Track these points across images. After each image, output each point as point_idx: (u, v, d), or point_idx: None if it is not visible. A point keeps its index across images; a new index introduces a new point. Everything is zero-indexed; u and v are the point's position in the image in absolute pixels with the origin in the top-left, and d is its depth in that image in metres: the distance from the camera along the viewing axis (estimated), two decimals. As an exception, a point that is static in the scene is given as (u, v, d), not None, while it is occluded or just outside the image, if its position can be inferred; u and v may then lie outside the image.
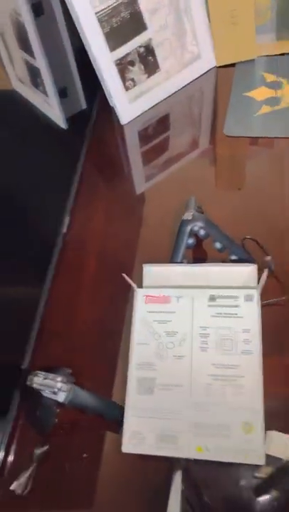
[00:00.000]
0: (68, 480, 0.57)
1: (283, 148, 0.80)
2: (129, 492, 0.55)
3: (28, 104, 0.95)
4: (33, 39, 0.82)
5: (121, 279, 0.68)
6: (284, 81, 0.87)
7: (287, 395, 0.57)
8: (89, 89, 0.93)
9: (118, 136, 0.90)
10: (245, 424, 0.53)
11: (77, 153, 0.89)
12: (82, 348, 0.66)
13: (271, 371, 0.58)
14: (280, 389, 0.58)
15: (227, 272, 0.62)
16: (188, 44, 0.89)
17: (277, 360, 0.59)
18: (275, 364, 0.59)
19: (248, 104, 0.86)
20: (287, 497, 0.50)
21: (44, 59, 0.83)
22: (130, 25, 0.83)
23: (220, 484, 0.54)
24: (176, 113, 0.91)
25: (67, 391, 0.55)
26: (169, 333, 0.59)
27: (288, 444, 0.54)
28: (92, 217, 0.80)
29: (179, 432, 0.54)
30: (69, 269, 0.75)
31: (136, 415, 0.56)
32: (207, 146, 0.85)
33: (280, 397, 0.57)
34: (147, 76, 0.88)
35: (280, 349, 0.60)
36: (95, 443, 0.59)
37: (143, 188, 0.83)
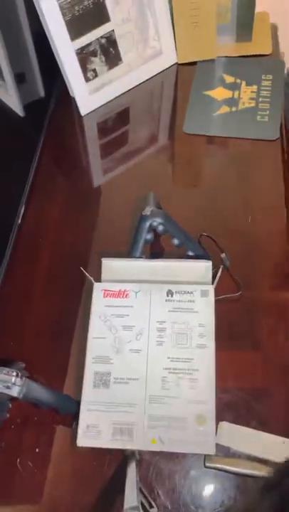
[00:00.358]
0: (20, 475, 0.56)
1: (239, 149, 0.82)
2: (83, 485, 0.55)
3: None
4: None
5: (77, 272, 0.67)
6: (242, 83, 0.89)
7: (238, 388, 0.59)
8: (48, 76, 0.90)
9: (77, 127, 0.89)
10: (198, 417, 0.55)
11: (34, 143, 0.86)
12: (36, 341, 0.65)
13: (224, 365, 0.60)
14: (231, 382, 0.60)
15: (184, 267, 0.63)
16: (151, 39, 0.89)
17: (229, 354, 0.62)
18: (227, 358, 0.61)
19: (207, 103, 0.88)
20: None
21: (1, 43, 0.80)
22: (93, 15, 0.82)
23: (172, 475, 0.55)
24: (136, 107, 0.90)
25: (22, 385, 0.54)
26: (126, 327, 0.59)
27: (237, 435, 0.57)
28: (48, 209, 0.79)
29: (135, 425, 0.55)
30: (23, 261, 0.73)
31: (92, 409, 0.56)
32: (166, 142, 0.85)
33: (231, 390, 0.59)
34: (108, 68, 0.87)
35: (233, 343, 0.63)
36: (48, 437, 0.58)
37: (101, 180, 0.83)
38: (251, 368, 0.61)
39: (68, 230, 0.76)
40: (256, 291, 0.66)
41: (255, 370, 0.61)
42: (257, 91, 0.88)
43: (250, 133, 0.83)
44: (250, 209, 0.74)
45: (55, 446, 0.58)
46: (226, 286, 0.66)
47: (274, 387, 0.59)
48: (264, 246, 0.70)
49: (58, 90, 0.93)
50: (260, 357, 0.61)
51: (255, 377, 0.60)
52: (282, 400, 0.58)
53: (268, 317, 0.64)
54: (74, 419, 0.57)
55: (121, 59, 0.88)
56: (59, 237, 0.75)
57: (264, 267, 0.68)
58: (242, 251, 0.70)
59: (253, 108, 0.86)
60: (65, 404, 0.58)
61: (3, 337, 0.66)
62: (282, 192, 0.76)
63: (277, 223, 0.72)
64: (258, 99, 0.87)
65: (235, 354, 0.62)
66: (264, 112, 0.85)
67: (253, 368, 0.61)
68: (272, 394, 0.59)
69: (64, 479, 0.56)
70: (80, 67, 0.85)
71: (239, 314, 0.65)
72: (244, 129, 0.83)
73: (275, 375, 0.60)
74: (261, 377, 0.60)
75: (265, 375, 0.60)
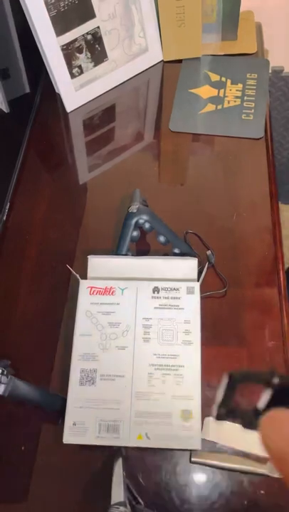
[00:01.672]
0: (5, 473, 0.56)
1: (224, 147, 0.83)
2: (69, 482, 0.55)
3: None
4: (-26, 14, 0.77)
5: (63, 269, 0.67)
6: (227, 82, 0.90)
7: (224, 384, 0.60)
8: (33, 72, 0.90)
9: (62, 123, 0.89)
10: (184, 412, 0.55)
11: (19, 139, 0.86)
12: (21, 339, 0.65)
13: (209, 360, 0.61)
14: (216, 377, 0.60)
15: (170, 264, 0.63)
16: (136, 36, 0.89)
17: (214, 350, 0.62)
18: (212, 354, 0.62)
19: (193, 101, 0.88)
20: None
21: (-15, 37, 0.79)
22: (78, 11, 0.81)
23: (158, 470, 0.56)
24: (122, 104, 0.90)
25: (7, 383, 0.54)
26: (113, 324, 0.59)
27: (223, 430, 0.57)
28: (33, 206, 0.78)
29: (121, 421, 0.55)
30: (8, 258, 0.73)
31: (78, 406, 0.56)
32: (151, 140, 0.85)
33: (216, 385, 0.60)
34: (94, 64, 0.87)
35: (218, 339, 0.63)
36: (33, 435, 0.58)
37: (86, 177, 0.83)
38: (237, 363, 0.61)
39: (54, 227, 0.75)
40: (242, 287, 0.67)
41: (241, 365, 0.61)
42: (242, 89, 0.88)
43: (236, 131, 0.83)
44: (236, 206, 0.75)
45: (41, 443, 0.58)
46: (211, 282, 0.66)
47: (259, 383, 0.60)
48: (249, 243, 0.71)
49: (43, 86, 0.93)
50: (246, 353, 0.62)
51: (240, 373, 0.61)
52: (267, 395, 0.59)
53: (254, 313, 0.65)
54: (60, 417, 0.57)
55: (107, 56, 0.88)
56: (45, 234, 0.75)
57: (249, 263, 0.69)
58: (227, 248, 0.70)
59: (238, 106, 0.86)
60: (51, 402, 0.58)
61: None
62: (266, 190, 0.77)
63: (262, 220, 0.73)
64: (243, 98, 0.87)
65: (221, 350, 0.62)
66: (249, 110, 0.86)
67: (238, 364, 0.61)
68: (257, 389, 0.59)
69: (50, 476, 0.56)
70: (65, 63, 0.84)
71: (225, 311, 0.65)
72: (229, 127, 0.84)
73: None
74: (246, 372, 0.61)
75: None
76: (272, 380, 0.27)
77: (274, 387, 0.27)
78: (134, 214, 0.64)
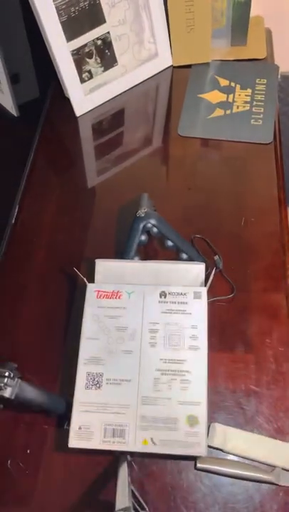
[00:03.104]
0: (11, 476, 0.56)
1: (233, 152, 0.82)
2: (74, 487, 0.55)
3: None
4: (-15, 20, 0.78)
5: (70, 273, 0.67)
6: (236, 87, 0.90)
7: (230, 389, 0.60)
8: (43, 77, 0.90)
9: (71, 127, 0.89)
10: (190, 418, 0.55)
11: (28, 143, 0.86)
12: (28, 342, 0.65)
13: (215, 366, 0.60)
14: (222, 383, 0.60)
15: (177, 269, 0.63)
16: (146, 41, 0.89)
17: (221, 356, 0.62)
18: (219, 359, 0.61)
19: (202, 105, 0.88)
20: None
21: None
22: (89, 16, 0.82)
23: (163, 476, 0.55)
24: (131, 109, 0.91)
25: (14, 386, 0.54)
26: (119, 328, 0.59)
27: (229, 436, 0.57)
28: (42, 209, 0.79)
29: (126, 426, 0.55)
30: (17, 261, 0.73)
31: (84, 410, 0.56)
32: (160, 145, 0.86)
33: (223, 391, 0.60)
34: (104, 69, 0.88)
35: (225, 345, 0.63)
36: (39, 438, 0.58)
37: (95, 181, 0.83)
38: (243, 369, 0.61)
39: (62, 231, 0.76)
40: (249, 293, 0.67)
41: (247, 371, 0.61)
42: (251, 95, 0.88)
43: (244, 136, 0.83)
44: (244, 211, 0.75)
45: (46, 447, 0.58)
46: (219, 287, 0.66)
47: (265, 389, 0.60)
48: (257, 248, 0.71)
49: (52, 91, 0.93)
50: (253, 359, 0.62)
51: (247, 379, 0.60)
52: (274, 401, 0.59)
53: (261, 319, 0.64)
54: (66, 420, 0.57)
55: (116, 61, 0.88)
56: (53, 237, 0.75)
57: (257, 269, 0.69)
58: (235, 253, 0.70)
59: (247, 111, 0.86)
60: (57, 405, 0.58)
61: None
62: (275, 195, 0.76)
63: (271, 226, 0.73)
64: (252, 103, 0.87)
65: (228, 356, 0.62)
66: (258, 115, 0.86)
67: (245, 370, 0.61)
68: (263, 395, 0.59)
69: (55, 480, 0.56)
70: (75, 68, 0.85)
71: (232, 316, 0.65)
72: (238, 132, 0.84)
73: (266, 376, 0.60)
74: (253, 378, 0.60)
75: (257, 376, 0.60)
76: None
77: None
78: (142, 218, 0.64)
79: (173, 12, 0.87)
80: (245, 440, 0.57)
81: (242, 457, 0.56)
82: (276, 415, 0.58)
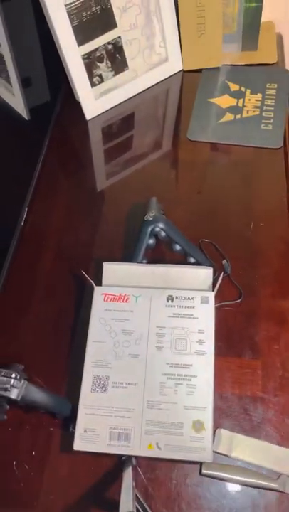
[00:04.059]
0: (16, 478, 0.56)
1: (242, 156, 0.82)
2: (79, 490, 0.55)
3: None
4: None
5: (78, 275, 0.67)
6: (247, 91, 0.90)
7: (236, 395, 0.59)
8: (54, 81, 0.91)
9: (81, 131, 0.90)
10: (196, 423, 0.55)
11: (38, 146, 0.87)
12: (35, 343, 0.65)
13: (222, 371, 0.60)
14: (229, 388, 0.60)
15: (185, 273, 0.63)
16: (157, 46, 0.90)
17: (228, 361, 0.61)
18: (226, 364, 0.61)
19: (212, 110, 0.88)
20: None
21: (9, 46, 0.81)
22: (100, 21, 0.82)
23: (168, 481, 0.55)
24: (141, 113, 0.91)
25: (20, 388, 0.54)
26: (126, 331, 0.59)
27: (235, 442, 0.56)
28: (51, 212, 0.79)
29: (132, 430, 0.54)
30: (25, 262, 0.74)
31: (89, 412, 0.56)
32: (169, 149, 0.86)
33: (230, 397, 0.59)
34: (114, 73, 0.88)
35: (232, 350, 0.62)
36: (45, 440, 0.58)
37: (104, 185, 0.83)
38: (250, 375, 0.61)
39: (70, 234, 0.76)
40: (257, 298, 0.66)
41: (254, 377, 0.60)
42: (261, 99, 0.88)
43: (254, 141, 0.83)
44: (253, 216, 0.74)
45: (51, 449, 0.58)
46: (226, 292, 0.66)
47: (272, 395, 0.59)
48: (266, 253, 0.70)
49: (63, 95, 0.94)
50: (260, 364, 0.61)
51: (253, 385, 0.60)
52: (280, 408, 0.58)
53: (268, 324, 0.64)
54: (71, 423, 0.57)
55: (127, 65, 0.89)
56: (61, 240, 0.76)
57: (265, 274, 0.68)
58: (243, 258, 0.70)
59: (257, 116, 0.86)
60: (63, 408, 0.58)
61: (3, 339, 0.66)
62: (284, 200, 0.76)
63: (280, 230, 0.72)
64: (262, 108, 0.87)
65: (235, 361, 0.62)
66: (268, 120, 0.85)
67: (251, 376, 0.61)
68: (270, 402, 0.59)
69: (60, 483, 0.56)
70: (86, 72, 0.85)
71: (239, 321, 0.65)
72: (248, 136, 0.84)
73: (273, 382, 0.60)
74: (260, 384, 0.60)
75: (264, 382, 0.60)
76: None
77: None
78: (150, 222, 0.64)
79: (184, 17, 0.87)
80: (251, 447, 0.56)
81: (248, 464, 0.55)
82: (283, 422, 0.57)
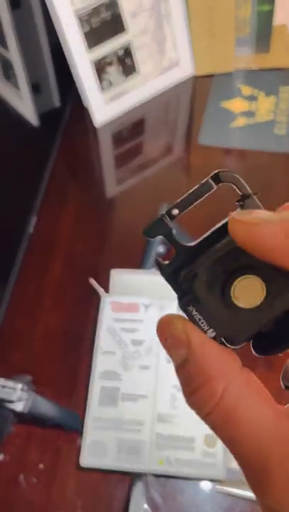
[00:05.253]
0: (23, 491, 0.55)
1: (255, 161, 0.80)
2: (87, 505, 0.53)
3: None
4: (8, 31, 0.79)
5: (87, 284, 0.66)
6: (260, 95, 0.88)
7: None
8: (63, 87, 0.90)
9: (91, 137, 0.89)
10: (208, 438, 0.53)
11: (47, 152, 0.86)
12: (43, 354, 0.64)
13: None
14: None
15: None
16: (168, 50, 0.89)
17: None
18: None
19: (224, 114, 0.86)
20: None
21: (18, 52, 0.80)
22: (110, 26, 0.82)
23: (179, 497, 0.53)
24: (152, 118, 0.90)
25: (27, 400, 0.53)
26: (136, 342, 0.58)
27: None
28: (60, 219, 0.78)
29: (142, 444, 0.53)
30: (33, 271, 0.72)
31: (97, 426, 0.54)
32: (181, 154, 0.84)
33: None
34: (124, 79, 0.87)
35: (245, 362, 0.60)
36: (52, 454, 0.57)
37: (114, 191, 0.82)
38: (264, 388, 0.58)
39: (80, 241, 0.75)
40: (271, 307, 0.64)
41: (268, 390, 0.58)
42: (275, 103, 0.86)
43: (267, 145, 0.81)
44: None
45: (60, 463, 0.56)
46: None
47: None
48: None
49: (72, 100, 0.93)
50: (273, 377, 0.59)
51: (268, 398, 0.58)
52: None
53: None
54: (79, 437, 0.55)
55: (137, 70, 0.88)
56: (70, 247, 0.74)
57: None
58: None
59: (270, 121, 0.84)
60: (71, 421, 0.56)
61: (10, 348, 0.65)
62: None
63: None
64: (276, 112, 0.85)
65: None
66: (282, 124, 0.83)
67: (266, 387, 0.58)
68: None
69: (68, 497, 0.54)
70: (95, 77, 0.84)
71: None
72: (261, 141, 0.82)
73: (287, 395, 0.58)
74: (274, 397, 0.58)
75: (278, 395, 0.58)
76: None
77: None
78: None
79: (195, 21, 0.86)
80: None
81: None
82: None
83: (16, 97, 0.90)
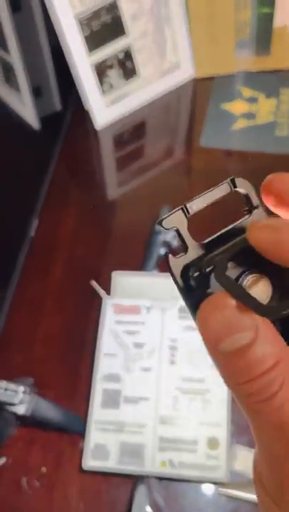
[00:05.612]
0: (26, 494, 0.55)
1: (257, 163, 0.80)
2: (89, 507, 0.53)
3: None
4: (8, 34, 0.79)
5: (89, 287, 0.66)
6: (260, 97, 0.88)
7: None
8: (64, 90, 0.91)
9: (92, 140, 0.89)
10: (210, 440, 0.52)
11: (49, 155, 0.86)
12: (45, 357, 0.64)
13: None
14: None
15: (198, 283, 0.61)
16: (168, 53, 0.89)
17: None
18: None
19: (225, 116, 0.87)
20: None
21: (19, 56, 0.81)
22: (110, 29, 0.82)
23: (182, 500, 0.53)
24: (153, 121, 0.90)
25: (29, 402, 0.53)
26: (138, 344, 0.58)
27: (251, 459, 0.54)
28: (61, 222, 0.78)
29: (144, 447, 0.53)
30: (35, 274, 0.72)
31: (99, 429, 0.54)
32: (182, 156, 0.84)
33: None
34: (125, 82, 0.87)
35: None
36: (55, 456, 0.56)
37: (116, 194, 0.82)
38: (267, 389, 0.58)
39: (81, 244, 0.75)
40: (273, 309, 0.64)
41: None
42: (276, 105, 0.87)
43: (268, 147, 0.81)
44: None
45: (62, 466, 0.56)
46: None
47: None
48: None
49: (74, 104, 0.93)
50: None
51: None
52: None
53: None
54: (82, 439, 0.55)
55: (138, 73, 0.88)
56: (71, 250, 0.74)
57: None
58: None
59: (271, 122, 0.84)
60: (74, 423, 0.56)
61: (12, 351, 0.65)
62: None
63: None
64: (277, 114, 0.85)
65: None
66: (283, 126, 0.83)
67: (269, 390, 0.58)
68: None
69: (70, 501, 0.54)
70: (96, 80, 0.85)
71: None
72: (262, 143, 0.82)
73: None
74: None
75: (282, 397, 0.57)
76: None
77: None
78: (162, 231, 0.63)
79: (195, 23, 0.87)
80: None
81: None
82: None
83: (17, 101, 0.91)
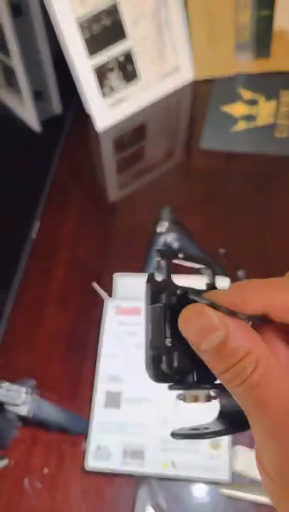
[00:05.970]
0: (28, 496, 0.55)
1: (257, 165, 0.81)
2: (91, 509, 0.53)
3: (0, 103, 0.93)
4: (10, 39, 0.80)
5: (90, 288, 0.66)
6: (260, 99, 0.88)
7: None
8: (65, 93, 0.91)
9: (93, 142, 0.89)
10: (212, 440, 0.53)
11: (50, 158, 0.87)
12: (47, 358, 0.64)
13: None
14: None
15: (199, 284, 0.61)
16: (168, 56, 0.89)
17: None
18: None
19: (225, 118, 0.87)
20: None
21: (20, 60, 0.81)
22: (111, 33, 0.82)
23: (183, 500, 0.53)
24: (153, 123, 0.90)
25: (31, 404, 0.53)
26: (139, 345, 0.58)
27: (254, 460, 0.54)
28: (62, 224, 0.78)
29: (146, 447, 0.53)
30: (37, 276, 0.73)
31: (101, 430, 0.54)
32: (182, 158, 0.85)
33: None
34: (125, 84, 0.88)
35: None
36: (57, 458, 0.57)
37: (116, 196, 0.82)
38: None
39: (83, 246, 0.75)
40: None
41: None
42: (275, 107, 0.87)
43: (269, 149, 0.81)
44: (269, 226, 0.73)
45: (64, 467, 0.56)
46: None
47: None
48: (282, 265, 0.68)
49: (74, 107, 0.94)
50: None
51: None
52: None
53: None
54: (84, 440, 0.55)
55: (138, 75, 0.88)
56: (73, 252, 0.75)
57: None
58: (260, 269, 0.68)
59: (271, 124, 0.85)
60: (76, 424, 0.56)
61: (15, 353, 0.65)
62: (301, 208, 0.74)
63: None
64: (277, 115, 0.86)
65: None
66: (283, 127, 0.84)
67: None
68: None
69: (73, 501, 0.54)
70: (97, 83, 0.85)
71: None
72: (262, 145, 0.82)
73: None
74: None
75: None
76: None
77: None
78: (162, 232, 0.63)
79: (195, 26, 0.87)
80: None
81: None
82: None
83: (18, 104, 0.91)
